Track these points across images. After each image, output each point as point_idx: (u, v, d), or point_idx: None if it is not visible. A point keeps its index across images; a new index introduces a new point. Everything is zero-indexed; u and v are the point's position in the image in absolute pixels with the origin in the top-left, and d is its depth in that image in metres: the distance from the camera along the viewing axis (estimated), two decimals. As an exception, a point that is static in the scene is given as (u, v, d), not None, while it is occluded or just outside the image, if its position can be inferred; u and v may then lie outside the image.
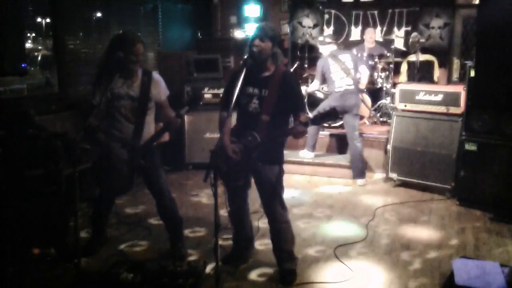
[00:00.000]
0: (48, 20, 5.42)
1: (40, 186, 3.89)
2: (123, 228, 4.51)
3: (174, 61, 7.02)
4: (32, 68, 5.35)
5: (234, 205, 3.58)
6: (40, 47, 5.44)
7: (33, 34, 5.34)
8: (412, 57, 7.10)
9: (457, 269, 3.20)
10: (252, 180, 3.56)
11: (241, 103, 3.38)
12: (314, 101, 6.80)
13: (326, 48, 6.09)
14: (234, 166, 3.33)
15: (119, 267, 3.44)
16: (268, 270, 3.68)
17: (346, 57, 6.00)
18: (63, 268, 3.65)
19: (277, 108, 3.29)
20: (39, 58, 5.43)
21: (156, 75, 3.72)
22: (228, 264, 3.72)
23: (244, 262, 3.79)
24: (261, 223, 4.47)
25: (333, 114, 3.13)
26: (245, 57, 3.26)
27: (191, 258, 3.88)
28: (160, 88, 3.71)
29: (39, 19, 5.39)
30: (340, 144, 6.70)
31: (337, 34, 7.94)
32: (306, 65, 7.71)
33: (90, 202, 4.13)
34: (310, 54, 7.86)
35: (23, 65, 4.20)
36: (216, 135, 5.68)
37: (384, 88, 7.18)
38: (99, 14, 6.31)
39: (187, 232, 4.31)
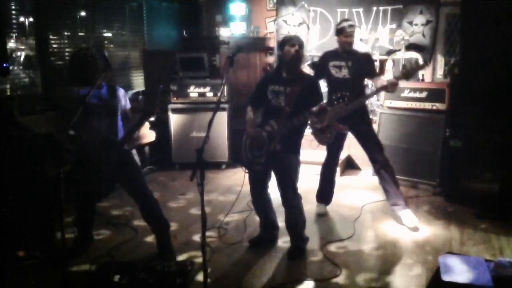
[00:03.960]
0: (31, 19, 5.36)
1: (25, 187, 3.85)
2: (110, 229, 4.49)
3: (160, 59, 6.98)
4: (16, 68, 5.28)
5: (254, 193, 4.00)
6: (23, 47, 5.37)
7: (16, 34, 5.26)
8: (397, 55, 7.13)
9: (443, 265, 3.24)
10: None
11: (268, 99, 3.88)
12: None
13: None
14: (256, 152, 3.81)
15: (107, 268, 3.42)
16: (256, 269, 3.70)
17: None
18: (49, 270, 3.61)
19: (296, 102, 3.74)
20: (22, 58, 5.35)
21: (119, 88, 3.88)
22: (258, 246, 4.08)
23: (273, 242, 4.17)
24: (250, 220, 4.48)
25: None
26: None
27: (180, 258, 3.87)
28: (125, 98, 3.83)
29: (22, 18, 5.32)
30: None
31: (323, 32, 7.95)
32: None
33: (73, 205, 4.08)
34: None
35: (4, 65, 4.16)
36: (203, 134, 5.66)
37: (370, 86, 7.19)
38: (83, 13, 6.26)
39: (175, 231, 4.29)
